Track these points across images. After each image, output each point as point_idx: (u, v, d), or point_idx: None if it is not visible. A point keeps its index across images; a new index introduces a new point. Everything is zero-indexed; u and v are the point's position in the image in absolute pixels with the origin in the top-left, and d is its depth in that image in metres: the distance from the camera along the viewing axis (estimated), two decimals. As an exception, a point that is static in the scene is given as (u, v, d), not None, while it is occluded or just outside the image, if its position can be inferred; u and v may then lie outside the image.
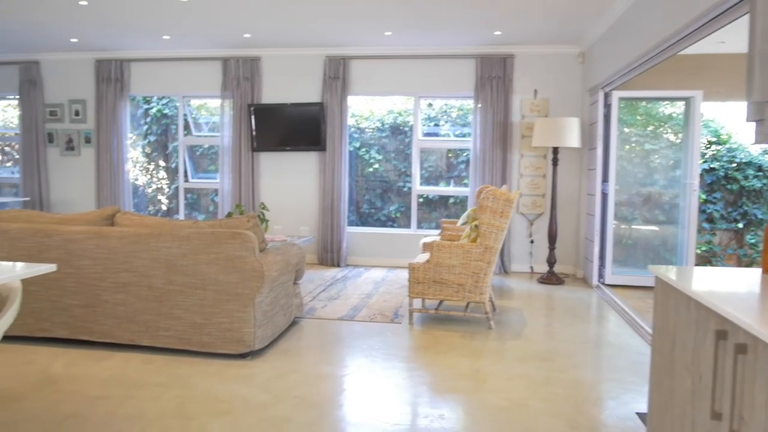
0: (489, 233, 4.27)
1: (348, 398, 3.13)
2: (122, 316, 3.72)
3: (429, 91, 6.99)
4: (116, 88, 7.38)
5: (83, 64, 7.55)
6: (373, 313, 4.80)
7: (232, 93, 7.14)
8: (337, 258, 7.02)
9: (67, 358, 3.66)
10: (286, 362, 3.65)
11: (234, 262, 3.54)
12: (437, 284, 4.40)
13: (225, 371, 3.47)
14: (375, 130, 7.87)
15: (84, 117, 7.61)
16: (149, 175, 8.66)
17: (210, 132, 7.97)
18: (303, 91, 7.13)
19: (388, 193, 7.90)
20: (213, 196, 8.29)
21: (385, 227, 7.62)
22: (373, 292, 5.62)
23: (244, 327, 3.59)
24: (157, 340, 3.70)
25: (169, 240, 3.61)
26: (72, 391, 3.15)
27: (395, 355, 3.84)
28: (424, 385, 3.32)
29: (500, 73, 6.62)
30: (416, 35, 6.28)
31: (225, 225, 3.70)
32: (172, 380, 3.32)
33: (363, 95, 7.26)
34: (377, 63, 6.99)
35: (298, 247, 4.28)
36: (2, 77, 7.79)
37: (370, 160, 7.86)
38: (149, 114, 8.47)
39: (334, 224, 7.02)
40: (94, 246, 3.70)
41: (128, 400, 3.05)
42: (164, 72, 7.43)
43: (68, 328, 3.81)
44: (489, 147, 6.68)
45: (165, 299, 3.65)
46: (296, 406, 3.00)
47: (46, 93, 7.69)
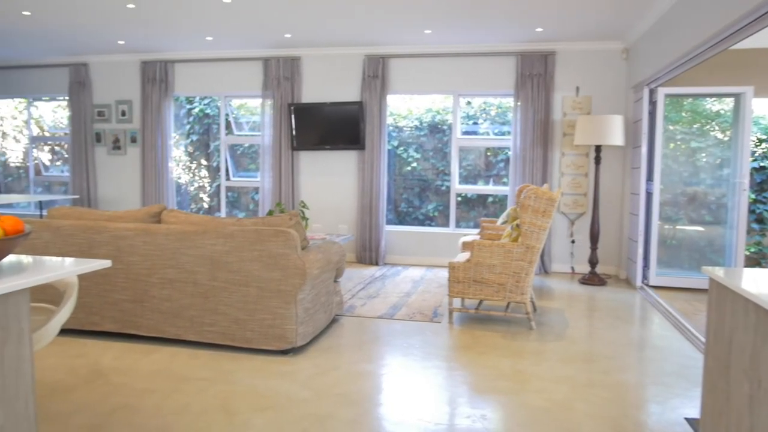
0: (531, 233, 4.22)
1: (388, 396, 3.13)
2: (168, 311, 3.81)
3: (468, 89, 6.94)
4: (161, 88, 7.56)
5: (129, 65, 7.76)
6: (412, 312, 4.80)
7: (272, 93, 7.23)
8: (375, 256, 7.04)
9: (116, 351, 3.77)
10: (327, 359, 3.68)
11: (276, 259, 3.58)
12: (477, 284, 4.37)
13: (267, 367, 3.52)
14: (413, 129, 7.85)
15: (130, 117, 7.82)
16: (191, 173, 8.83)
17: (250, 131, 8.08)
18: (342, 90, 7.17)
19: (426, 192, 7.87)
20: (253, 194, 8.40)
21: (422, 226, 7.60)
22: (411, 290, 5.61)
23: (286, 324, 3.63)
24: (202, 336, 3.77)
25: (213, 237, 3.67)
26: (121, 384, 3.24)
27: (435, 354, 3.83)
28: (464, 384, 3.30)
29: (541, 70, 6.53)
30: (456, 33, 6.24)
31: (267, 223, 3.75)
32: (216, 375, 3.38)
33: (402, 94, 7.25)
34: (416, 61, 6.98)
35: (338, 246, 4.30)
36: (53, 79, 8.07)
37: (408, 159, 7.85)
38: (192, 114, 8.64)
39: (373, 223, 7.04)
40: (142, 243, 3.80)
41: (175, 393, 3.12)
42: (207, 72, 7.58)
43: (117, 323, 3.92)
44: (529, 145, 6.59)
45: (210, 295, 3.72)
46: (338, 403, 3.02)
47: (95, 94, 7.92)
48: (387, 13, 5.53)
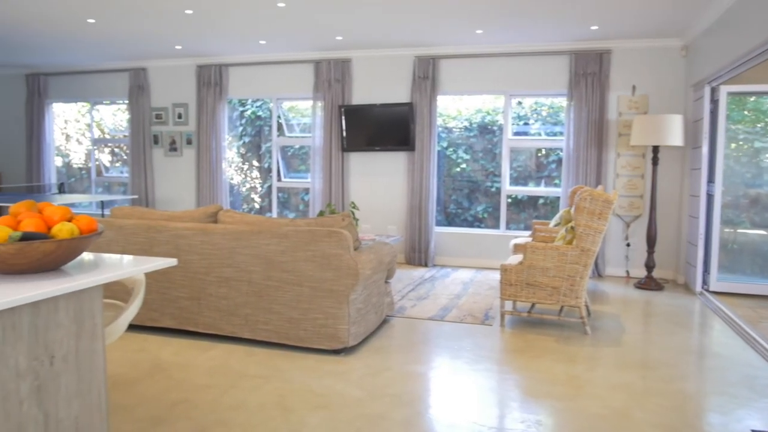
0: (586, 235, 4.13)
1: (440, 398, 3.12)
2: (225, 309, 3.90)
3: (520, 88, 6.85)
4: (215, 91, 7.75)
5: (186, 69, 7.99)
6: (463, 314, 4.76)
7: (323, 94, 7.31)
8: (424, 258, 7.03)
9: (175, 347, 3.89)
10: (378, 360, 3.70)
11: (330, 259, 3.62)
12: (530, 287, 4.31)
13: (320, 366, 3.56)
14: (462, 130, 7.80)
15: (186, 119, 8.05)
16: (243, 174, 9.01)
17: (301, 133, 8.20)
18: (392, 91, 7.19)
19: (476, 193, 7.80)
20: (303, 195, 8.51)
21: (472, 228, 7.54)
22: (461, 292, 5.58)
23: (338, 323, 3.66)
24: (257, 334, 3.85)
25: (268, 237, 3.74)
26: (180, 379, 3.34)
27: (487, 357, 3.79)
28: (517, 388, 3.26)
29: (596, 69, 6.38)
30: (508, 32, 6.17)
31: (321, 223, 3.79)
32: (271, 372, 3.44)
33: (452, 94, 7.22)
34: (467, 62, 6.93)
35: (390, 246, 4.32)
36: (114, 84, 8.39)
37: (458, 160, 7.80)
38: (244, 116, 8.82)
39: (422, 224, 7.03)
40: (200, 242, 3.91)
41: (232, 389, 3.19)
42: (259, 75, 7.73)
43: (175, 319, 4.04)
44: (583, 146, 6.46)
45: (264, 294, 3.79)
46: (390, 404, 3.03)
47: (153, 97, 8.19)
48: (439, 14, 5.51)
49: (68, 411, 1.65)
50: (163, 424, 2.77)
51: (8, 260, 1.59)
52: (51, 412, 1.59)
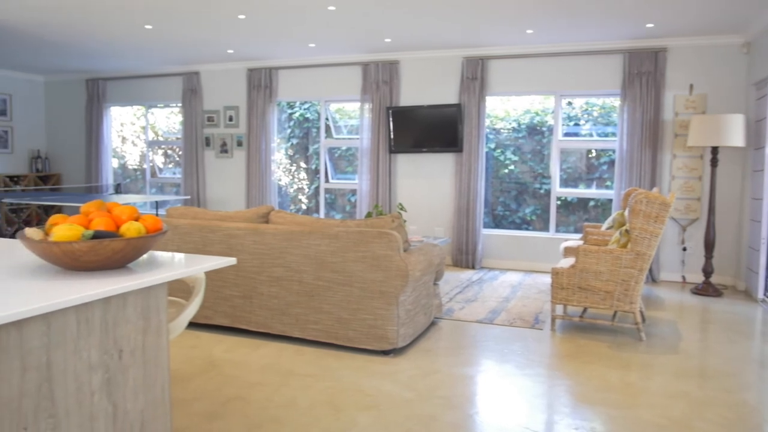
0: (642, 239, 4.02)
1: (490, 402, 3.09)
2: (275, 308, 3.96)
3: (570, 89, 6.72)
4: (265, 94, 7.89)
5: (237, 73, 8.17)
6: (512, 318, 4.71)
7: (371, 96, 7.35)
8: (472, 260, 6.98)
9: (227, 344, 3.97)
10: (427, 362, 3.69)
11: (379, 260, 3.63)
12: (582, 291, 4.22)
13: (369, 366, 3.57)
14: (511, 131, 7.71)
15: (237, 122, 8.23)
16: (291, 175, 9.14)
17: (348, 134, 8.26)
18: (440, 92, 7.17)
19: (523, 195, 7.70)
20: (349, 196, 8.57)
21: (520, 230, 7.44)
22: (510, 296, 5.51)
23: (387, 324, 3.67)
24: (307, 333, 3.89)
25: (319, 238, 3.78)
26: (233, 376, 3.41)
27: (537, 361, 3.74)
28: (569, 394, 3.20)
29: (651, 68, 6.21)
30: (560, 32, 6.07)
31: (371, 224, 3.81)
32: (321, 372, 3.48)
33: (501, 95, 7.15)
34: (516, 62, 6.85)
35: (439, 248, 4.30)
36: (168, 87, 8.64)
37: (505, 161, 7.71)
38: (292, 118, 8.95)
39: (470, 226, 6.98)
40: (252, 242, 3.98)
41: (283, 387, 3.24)
42: (308, 78, 7.83)
43: (228, 317, 4.13)
44: (636, 147, 6.29)
45: (314, 294, 3.84)
46: (440, 406, 3.02)
47: (205, 100, 8.40)
48: (489, 16, 5.47)
49: (135, 404, 1.70)
50: (218, 419, 2.83)
51: (81, 257, 1.66)
52: (119, 404, 1.65)
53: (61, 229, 1.67)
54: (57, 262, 1.71)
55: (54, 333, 1.46)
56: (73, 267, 1.72)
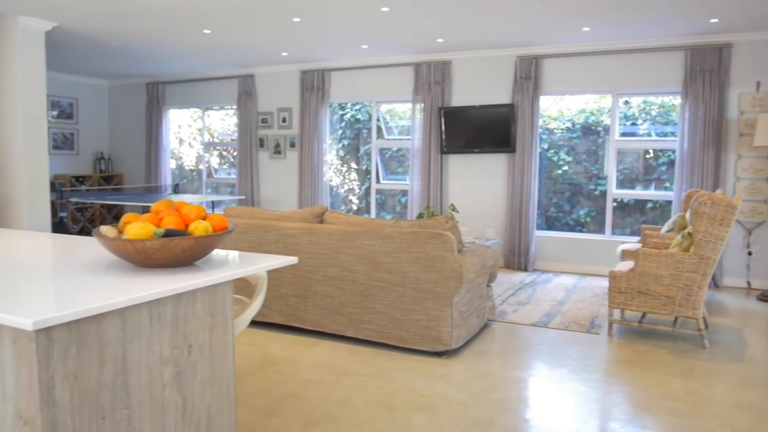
0: (706, 242, 3.88)
1: (547, 406, 3.04)
2: (330, 307, 4.01)
3: (628, 87, 6.54)
4: (318, 96, 8.00)
5: (290, 75, 8.30)
6: (567, 321, 4.61)
7: (422, 97, 7.35)
8: (524, 262, 6.88)
9: (283, 342, 4.04)
10: (481, 364, 3.66)
11: (433, 261, 3.63)
12: (642, 295, 4.10)
13: (422, 368, 3.57)
14: (564, 131, 7.56)
15: (290, 123, 8.36)
16: (342, 176, 9.22)
17: (399, 135, 8.27)
18: (492, 92, 7.10)
19: (577, 197, 7.54)
20: (400, 196, 8.59)
21: (573, 232, 7.29)
22: (565, 299, 5.40)
23: (441, 326, 3.66)
24: (360, 333, 3.92)
25: (372, 238, 3.81)
26: (289, 373, 3.47)
27: (594, 366, 3.65)
28: (629, 402, 3.11)
29: (714, 65, 5.98)
30: (618, 29, 5.91)
31: (424, 225, 3.81)
32: (375, 371, 3.50)
33: (555, 95, 7.03)
34: (572, 60, 6.72)
35: (493, 250, 4.26)
36: (224, 90, 8.87)
37: (559, 162, 7.57)
38: (343, 119, 9.03)
39: (522, 227, 6.88)
40: (307, 241, 4.04)
41: (337, 386, 3.28)
42: (359, 79, 7.89)
43: (283, 316, 4.21)
44: (698, 147, 6.06)
45: (368, 294, 3.86)
46: (496, 409, 2.99)
47: (259, 102, 8.58)
48: (545, 13, 5.38)
49: (202, 398, 1.76)
50: (276, 415, 2.89)
51: (153, 254, 1.72)
52: (188, 397, 1.71)
53: (135, 227, 1.74)
54: (130, 259, 1.78)
55: (129, 327, 1.52)
56: (145, 264, 1.79)
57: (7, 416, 1.39)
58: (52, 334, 1.34)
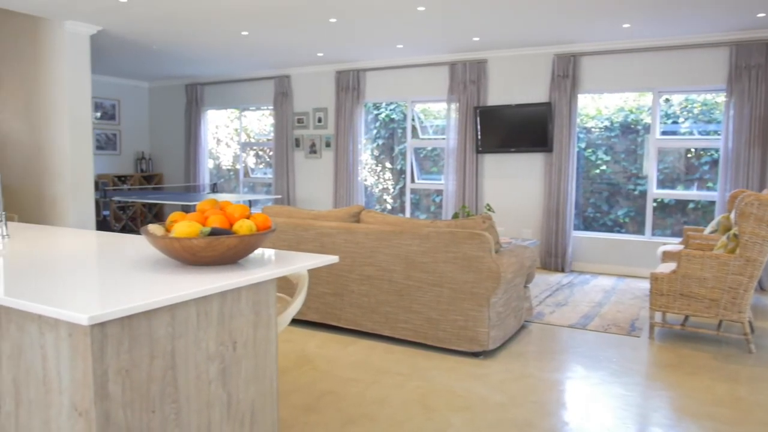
0: (752, 244, 3.76)
1: (587, 410, 3.00)
2: (366, 306, 4.03)
3: (669, 85, 6.39)
4: (353, 96, 8.04)
5: (326, 75, 8.37)
6: (606, 324, 4.54)
7: (457, 96, 7.31)
8: (561, 263, 6.79)
9: (319, 340, 4.08)
10: (518, 365, 3.63)
11: (471, 261, 3.61)
12: (684, 298, 4.01)
13: (460, 368, 3.56)
14: (602, 130, 7.43)
15: (325, 123, 8.43)
16: (376, 176, 9.25)
17: (433, 134, 8.25)
18: (529, 91, 7.03)
19: (616, 197, 7.40)
20: (434, 196, 8.57)
21: (611, 233, 7.16)
22: (603, 300, 5.31)
23: (478, 326, 3.64)
24: (396, 332, 3.93)
25: (409, 238, 3.81)
26: (326, 371, 3.50)
27: (635, 370, 3.58)
28: (672, 407, 3.04)
29: (761, 60, 5.79)
30: (659, 25, 5.79)
31: (461, 225, 3.79)
32: (412, 371, 3.50)
33: (594, 93, 6.91)
34: (611, 58, 6.60)
35: (530, 250, 4.22)
36: (260, 91, 8.99)
37: (597, 161, 7.44)
38: (378, 119, 9.06)
39: (559, 227, 6.79)
40: (343, 240, 4.07)
41: (374, 384, 3.29)
42: (394, 79, 7.90)
43: (319, 314, 4.24)
44: (744, 146, 5.89)
45: (404, 293, 3.87)
46: (534, 411, 2.96)
47: (295, 103, 8.67)
48: (584, 10, 5.30)
49: (246, 393, 1.79)
50: (314, 412, 2.92)
51: (199, 252, 1.76)
52: (233, 393, 1.74)
53: (182, 226, 1.78)
54: (176, 257, 1.82)
55: (177, 324, 1.56)
56: (191, 261, 1.83)
57: (63, 408, 1.44)
58: (106, 329, 1.38)
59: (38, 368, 1.48)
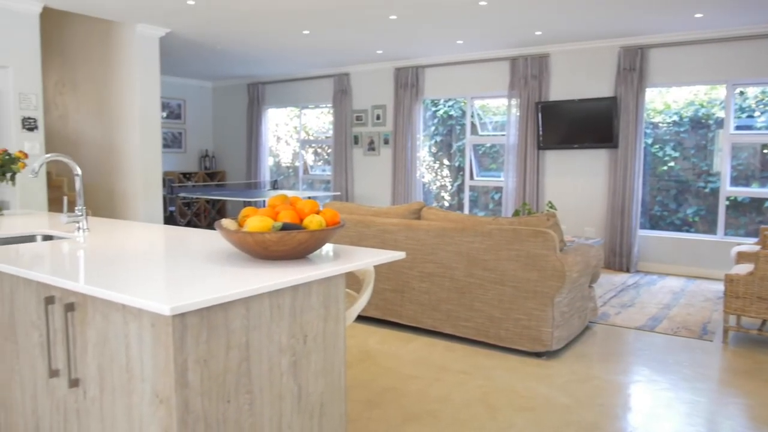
0: (840, 245, 3.53)
1: (656, 415, 2.89)
2: (426, 303, 4.02)
3: (744, 77, 6.08)
4: (411, 93, 8.03)
5: (384, 72, 8.39)
6: (675, 326, 4.37)
7: (518, 92, 7.19)
8: (626, 262, 6.58)
9: (379, 336, 4.10)
10: (583, 367, 3.54)
11: (534, 259, 3.54)
12: (763, 301, 3.80)
13: (522, 368, 3.50)
14: (671, 125, 7.14)
15: (384, 120, 8.46)
16: (434, 173, 9.21)
17: (493, 131, 8.15)
18: (593, 85, 6.83)
19: (685, 194, 7.10)
20: (493, 193, 8.46)
21: (680, 232, 6.88)
22: (672, 302, 5.11)
23: (541, 326, 3.57)
24: (457, 330, 3.90)
25: (471, 235, 3.77)
26: (387, 367, 3.51)
27: (707, 376, 3.43)
28: (748, 416, 2.90)
29: None
30: (734, 14, 5.51)
31: (525, 223, 3.73)
32: (473, 369, 3.47)
33: (662, 86, 6.65)
34: (682, 50, 6.33)
35: (596, 249, 4.11)
36: (320, 89, 9.11)
37: (664, 158, 7.16)
38: (436, 116, 9.02)
39: (624, 226, 6.58)
40: (404, 237, 4.07)
41: (436, 382, 3.28)
42: (453, 75, 7.84)
43: (380, 310, 4.26)
44: (828, 141, 5.53)
45: (466, 291, 3.84)
46: (601, 414, 2.88)
47: (354, 100, 8.74)
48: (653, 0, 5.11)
49: (316, 386, 1.82)
50: (377, 407, 2.94)
51: (271, 247, 1.80)
52: (303, 385, 1.77)
53: (254, 220, 1.82)
54: (248, 251, 1.86)
55: (252, 316, 1.59)
56: (262, 255, 1.87)
57: (145, 395, 1.50)
58: (186, 320, 1.43)
59: (122, 356, 1.55)
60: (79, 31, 6.65)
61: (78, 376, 1.70)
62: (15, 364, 1.98)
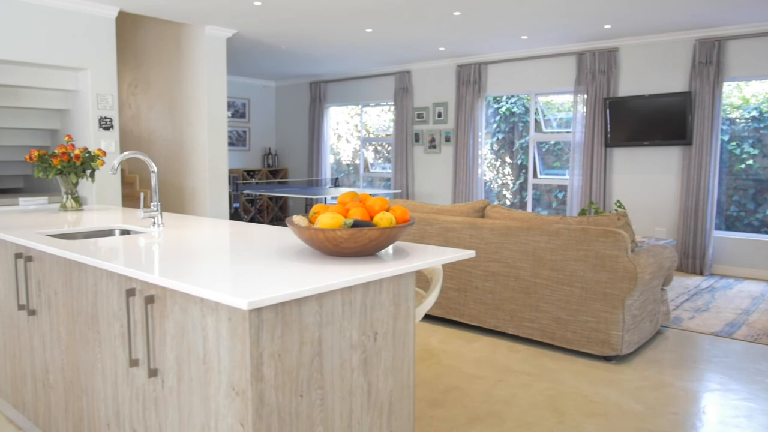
0: None
1: (739, 427, 2.74)
2: (490, 303, 3.96)
3: (835, 69, 5.69)
4: (474, 89, 7.93)
5: (446, 69, 8.33)
6: (756, 333, 4.13)
7: (585, 88, 6.98)
8: (700, 265, 6.28)
9: (441, 335, 4.07)
10: (655, 373, 3.40)
11: (604, 260, 3.43)
12: None
13: (590, 372, 3.40)
14: (749, 120, 6.77)
15: (445, 118, 8.40)
16: (496, 171, 9.08)
17: (557, 128, 7.95)
18: (665, 80, 6.55)
19: (764, 194, 6.71)
20: (556, 192, 8.26)
21: (759, 234, 6.51)
22: (751, 308, 4.85)
23: (611, 329, 3.46)
24: (521, 330, 3.83)
25: (538, 234, 3.69)
26: (450, 366, 3.48)
27: (795, 386, 3.23)
28: None
29: None
30: (824, 2, 5.16)
31: (594, 222, 3.61)
32: (538, 371, 3.39)
33: (741, 80, 6.31)
34: (763, 41, 5.98)
35: (670, 250, 3.94)
36: (382, 87, 9.13)
37: (742, 156, 6.79)
38: (498, 113, 8.88)
39: (698, 227, 6.28)
40: (468, 236, 4.02)
41: (500, 383, 3.22)
42: (517, 71, 7.70)
43: (442, 308, 4.23)
44: None
45: (531, 291, 3.75)
46: (676, 424, 2.75)
47: (415, 98, 8.71)
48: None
49: (385, 384, 1.81)
50: (440, 407, 2.91)
51: (342, 243, 1.80)
52: (373, 382, 1.77)
53: (325, 217, 1.84)
54: (319, 247, 1.88)
55: (325, 312, 1.60)
56: (332, 252, 1.88)
57: (222, 386, 1.53)
58: (262, 315, 1.45)
59: (199, 348, 1.59)
60: (151, 33, 6.91)
61: (157, 366, 1.76)
62: (98, 352, 2.07)
